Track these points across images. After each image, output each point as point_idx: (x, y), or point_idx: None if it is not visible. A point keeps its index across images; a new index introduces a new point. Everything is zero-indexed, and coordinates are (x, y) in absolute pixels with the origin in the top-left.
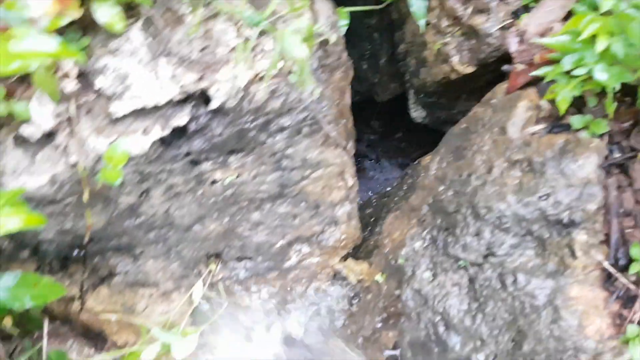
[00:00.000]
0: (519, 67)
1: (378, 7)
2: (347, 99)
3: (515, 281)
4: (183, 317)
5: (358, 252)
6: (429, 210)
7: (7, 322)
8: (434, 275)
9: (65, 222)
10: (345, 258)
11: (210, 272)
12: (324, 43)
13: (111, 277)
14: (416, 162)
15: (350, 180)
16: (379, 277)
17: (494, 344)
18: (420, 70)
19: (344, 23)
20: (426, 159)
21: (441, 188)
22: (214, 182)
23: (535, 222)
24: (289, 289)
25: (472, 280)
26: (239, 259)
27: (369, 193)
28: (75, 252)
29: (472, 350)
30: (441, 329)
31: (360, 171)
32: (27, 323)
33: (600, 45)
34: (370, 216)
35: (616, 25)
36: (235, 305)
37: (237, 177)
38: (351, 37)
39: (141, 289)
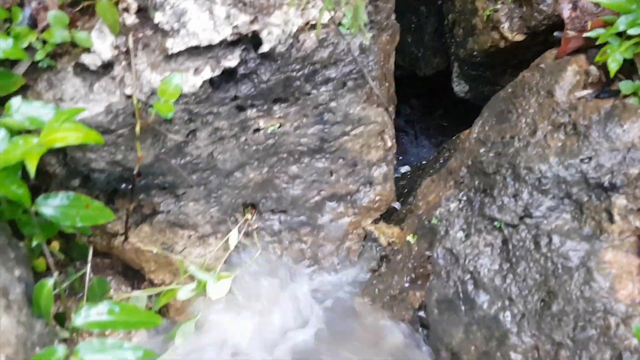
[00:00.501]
0: (571, 33)
1: None
2: (391, 64)
3: (549, 243)
4: (218, 262)
5: (390, 218)
6: (467, 172)
7: (55, 246)
8: (467, 236)
9: (116, 153)
10: (377, 221)
11: (246, 221)
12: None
13: (154, 216)
14: (455, 137)
15: (389, 141)
16: (410, 238)
17: (523, 304)
18: (467, 40)
19: None
20: (465, 132)
21: (482, 150)
22: (257, 130)
23: (575, 185)
24: (319, 245)
25: (505, 241)
26: (274, 212)
27: (405, 167)
28: (123, 186)
29: (499, 309)
30: (470, 287)
31: (397, 145)
32: (72, 251)
33: None
34: (404, 188)
35: None
36: (267, 257)
37: (280, 127)
38: (397, 10)
39: (180, 230)
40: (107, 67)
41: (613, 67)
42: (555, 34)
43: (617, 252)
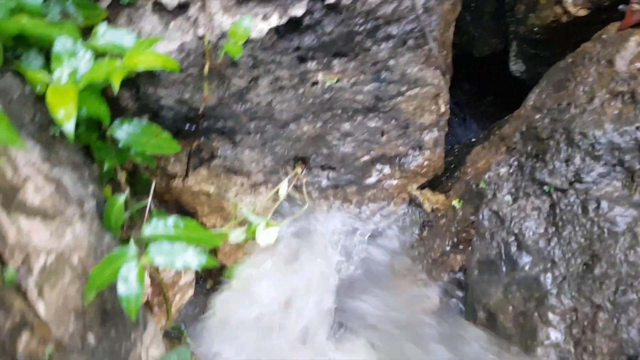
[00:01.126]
0: (636, 6)
1: None
2: (450, 33)
3: (597, 208)
4: (267, 212)
5: (435, 188)
6: (520, 137)
7: (122, 176)
8: (515, 199)
9: (184, 92)
10: (422, 187)
11: (296, 174)
12: None
13: (211, 160)
14: (506, 117)
15: (443, 106)
16: (455, 203)
17: (565, 267)
18: (529, 16)
19: None
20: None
21: (537, 116)
22: (315, 83)
23: (628, 152)
24: (364, 206)
25: (553, 206)
26: (323, 168)
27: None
28: (187, 126)
29: (541, 271)
30: (513, 248)
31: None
32: (136, 184)
33: None
34: (451, 163)
35: None
36: (313, 211)
37: (337, 81)
38: None
39: (234, 176)
40: (182, 7)
41: None
42: (620, 7)
43: None
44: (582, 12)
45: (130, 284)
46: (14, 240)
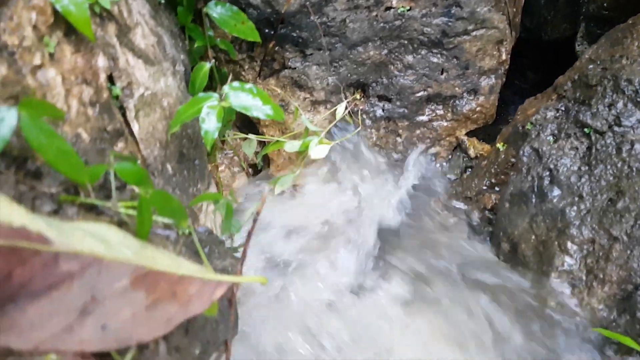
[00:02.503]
0: None
1: None
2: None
3: (631, 149)
4: (323, 126)
5: (482, 139)
6: (571, 85)
7: (210, 53)
8: (556, 140)
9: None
10: (470, 134)
11: (354, 100)
12: None
13: (281, 71)
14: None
15: (505, 54)
16: (500, 146)
17: (591, 201)
18: None
19: None
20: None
21: (590, 67)
22: (388, 8)
23: None
24: (412, 142)
25: (590, 147)
26: (380, 98)
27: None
28: (267, 30)
29: (568, 204)
30: (546, 182)
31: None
32: (215, 75)
33: None
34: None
35: None
36: (364, 139)
37: (409, 9)
38: None
39: (298, 91)
40: None
41: None
42: None
43: None
44: None
45: (210, 120)
46: (122, 66)
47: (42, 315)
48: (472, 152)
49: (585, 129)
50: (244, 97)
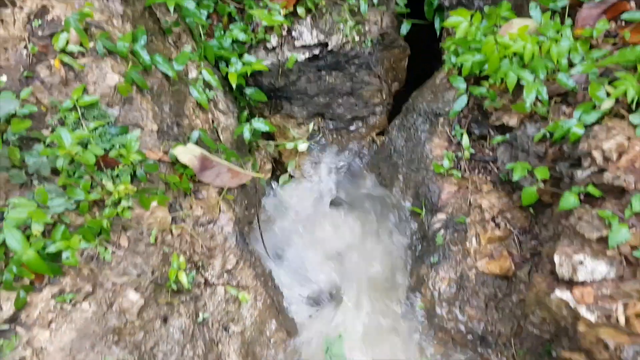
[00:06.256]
0: None
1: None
2: (404, 65)
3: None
4: (303, 136)
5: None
6: (405, 108)
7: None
8: (398, 132)
9: (271, 79)
10: (378, 134)
11: (318, 122)
12: (384, 34)
13: (280, 110)
14: None
15: (385, 96)
16: (385, 137)
17: (407, 160)
18: None
19: (406, 27)
20: None
21: (410, 100)
22: (325, 79)
23: None
24: (349, 141)
25: (406, 139)
26: (330, 120)
27: None
28: (272, 93)
29: (399, 161)
30: (394, 150)
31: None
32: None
33: None
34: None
35: None
36: (324, 141)
37: (334, 79)
38: None
39: (290, 119)
40: (273, 49)
41: None
42: None
43: None
44: None
45: (246, 133)
46: (216, 116)
47: (208, 175)
48: (378, 141)
49: (405, 126)
50: (260, 124)
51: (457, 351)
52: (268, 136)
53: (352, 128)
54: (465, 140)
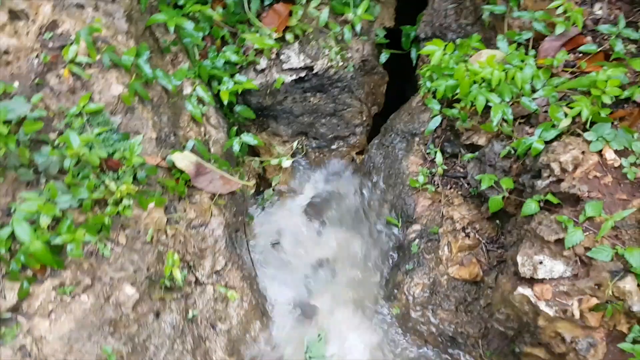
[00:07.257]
0: None
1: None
2: (383, 90)
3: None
4: (288, 153)
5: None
6: (383, 129)
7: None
8: (377, 150)
9: (259, 98)
10: (357, 153)
11: (301, 140)
12: (365, 61)
13: (267, 129)
14: None
15: (365, 117)
16: (366, 155)
17: (384, 173)
18: None
19: (385, 56)
20: None
21: (388, 122)
22: (309, 101)
23: None
24: (330, 158)
25: (384, 155)
26: (313, 138)
27: None
28: (259, 113)
29: (375, 170)
30: (373, 166)
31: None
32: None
33: None
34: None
35: None
36: (307, 158)
37: (318, 100)
38: None
39: (276, 136)
40: (262, 70)
41: None
42: None
43: None
44: None
45: (236, 146)
46: (208, 130)
47: (202, 181)
48: (358, 161)
49: (384, 145)
50: (249, 138)
51: (430, 351)
52: (253, 153)
53: (333, 147)
54: (439, 158)
